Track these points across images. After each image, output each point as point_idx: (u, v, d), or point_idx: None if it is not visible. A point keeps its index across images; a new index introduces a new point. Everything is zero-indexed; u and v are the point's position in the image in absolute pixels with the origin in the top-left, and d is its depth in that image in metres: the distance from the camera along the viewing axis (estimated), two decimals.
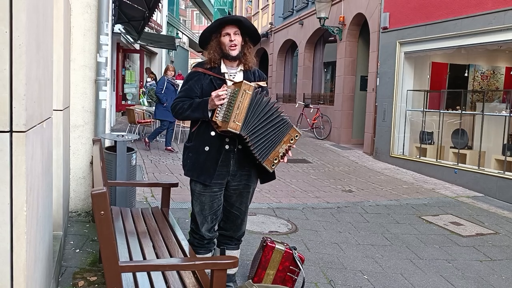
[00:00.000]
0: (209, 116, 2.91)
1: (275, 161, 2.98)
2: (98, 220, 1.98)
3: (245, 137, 2.84)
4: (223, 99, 2.84)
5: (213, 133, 2.95)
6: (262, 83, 3.11)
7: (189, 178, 3.11)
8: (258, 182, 3.24)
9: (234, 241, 3.31)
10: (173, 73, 9.75)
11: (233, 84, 2.94)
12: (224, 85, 2.93)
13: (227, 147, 2.98)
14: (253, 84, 2.88)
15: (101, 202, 1.97)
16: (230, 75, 3.04)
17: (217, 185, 3.03)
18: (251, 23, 3.14)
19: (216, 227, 3.18)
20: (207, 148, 2.96)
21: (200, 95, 3.00)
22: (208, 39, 3.06)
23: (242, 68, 3.09)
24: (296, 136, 3.00)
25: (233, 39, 2.97)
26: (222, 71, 3.03)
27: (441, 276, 4.04)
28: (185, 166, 3.08)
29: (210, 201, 3.04)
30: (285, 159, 3.01)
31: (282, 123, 2.95)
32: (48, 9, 2.38)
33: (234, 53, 2.99)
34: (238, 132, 2.81)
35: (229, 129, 2.79)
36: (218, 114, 2.87)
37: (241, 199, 3.17)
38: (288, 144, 2.98)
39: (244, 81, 2.86)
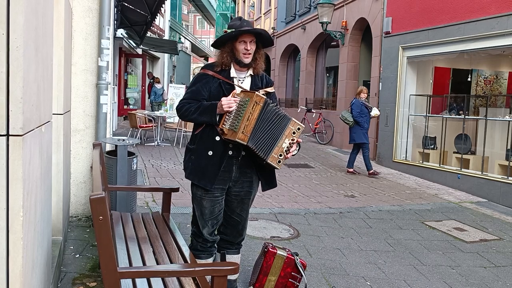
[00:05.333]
0: (217, 121, 2.88)
1: (281, 157, 2.89)
2: (96, 225, 1.94)
3: (252, 148, 2.82)
4: (232, 106, 2.82)
5: (217, 138, 2.92)
6: (270, 89, 3.08)
7: (190, 182, 3.09)
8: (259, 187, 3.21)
9: (235, 246, 3.28)
10: (366, 95, 9.11)
11: (242, 91, 2.91)
12: (234, 92, 2.91)
13: (230, 153, 2.95)
14: (263, 95, 2.85)
15: (100, 207, 1.94)
16: (239, 80, 3.01)
17: (219, 190, 3.00)
18: (269, 36, 3.09)
19: (216, 231, 3.15)
20: (210, 153, 2.93)
21: (208, 98, 2.98)
22: (224, 42, 3.02)
23: (251, 73, 3.06)
24: (298, 128, 2.91)
25: (248, 48, 2.94)
26: (232, 75, 3.01)
27: (444, 282, 3.99)
28: (186, 169, 3.06)
29: (211, 205, 3.01)
30: (290, 154, 2.92)
31: (281, 118, 2.90)
32: (48, 12, 2.36)
33: (247, 60, 2.97)
34: (246, 143, 2.80)
35: (237, 139, 2.78)
36: (226, 121, 2.85)
37: (242, 206, 3.14)
38: (291, 138, 2.91)
39: (256, 92, 2.83)
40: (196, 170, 2.98)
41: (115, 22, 8.63)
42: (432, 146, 9.26)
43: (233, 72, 3.02)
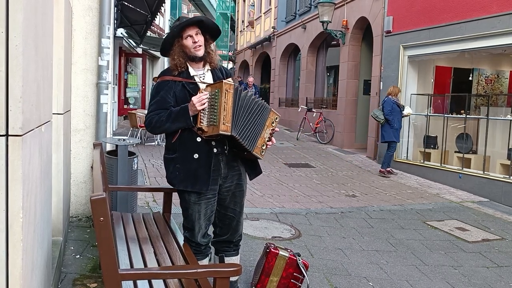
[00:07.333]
0: (192, 123, 2.80)
1: (263, 147, 2.92)
2: (97, 226, 1.92)
3: (236, 137, 2.77)
4: (205, 103, 2.77)
5: (199, 139, 2.84)
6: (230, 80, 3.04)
7: (178, 190, 2.99)
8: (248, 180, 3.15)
9: (233, 247, 3.20)
10: (398, 94, 8.98)
11: (208, 86, 2.86)
12: (201, 89, 2.85)
13: (215, 150, 2.89)
14: (231, 81, 2.82)
15: (100, 208, 1.91)
16: (200, 77, 2.96)
17: (211, 191, 2.93)
18: (212, 22, 3.04)
19: (208, 232, 3.09)
20: (196, 156, 2.85)
21: (175, 103, 2.89)
22: (170, 45, 2.95)
23: (209, 68, 3.02)
24: (276, 118, 2.97)
25: (196, 40, 2.89)
26: (192, 74, 2.95)
27: (447, 282, 3.97)
28: (175, 179, 2.93)
29: (205, 208, 2.95)
30: (271, 143, 2.96)
31: (262, 109, 2.90)
32: (47, 10, 2.34)
33: (200, 53, 2.92)
34: (230, 134, 2.74)
35: (220, 132, 2.71)
36: (203, 119, 2.79)
37: (234, 200, 3.06)
38: (271, 128, 2.93)
39: (224, 81, 2.78)
40: (187, 176, 2.87)
41: (115, 21, 8.60)
42: (433, 146, 9.23)
43: (192, 71, 2.95)
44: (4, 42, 1.54)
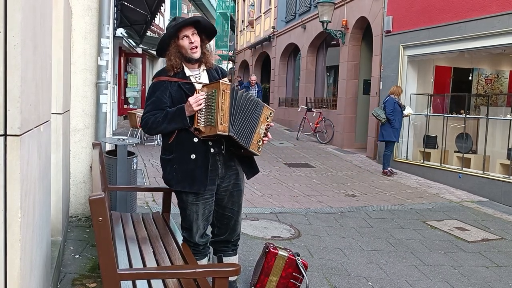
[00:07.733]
0: (189, 123, 2.80)
1: (260, 143, 2.93)
2: (96, 226, 1.92)
3: (233, 136, 2.77)
4: (202, 103, 2.76)
5: (196, 140, 2.84)
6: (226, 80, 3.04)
7: (176, 191, 2.99)
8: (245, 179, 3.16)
9: (231, 247, 3.20)
10: (400, 94, 8.99)
11: (204, 86, 2.85)
12: (198, 89, 2.85)
13: (212, 150, 2.89)
14: (228, 81, 2.82)
15: (99, 208, 1.91)
16: (196, 77, 2.96)
17: (209, 191, 2.93)
18: (208, 22, 3.04)
19: (207, 232, 3.09)
20: (193, 156, 2.84)
21: (171, 104, 2.88)
22: (167, 46, 2.95)
23: (205, 68, 3.02)
24: (270, 113, 2.97)
25: (193, 41, 2.88)
26: (187, 74, 2.94)
27: (446, 282, 3.96)
28: (172, 180, 2.92)
29: (203, 208, 2.95)
30: (267, 139, 2.96)
31: (255, 105, 2.90)
32: (46, 10, 2.34)
33: (197, 55, 2.91)
34: (227, 134, 2.74)
35: (218, 132, 2.71)
36: (199, 120, 2.78)
37: (232, 200, 3.06)
38: (266, 123, 2.94)
39: (221, 81, 2.77)
40: (184, 177, 2.87)
41: (115, 21, 8.60)
42: (433, 146, 9.23)
43: (187, 71, 2.95)
44: (2, 41, 1.53)
